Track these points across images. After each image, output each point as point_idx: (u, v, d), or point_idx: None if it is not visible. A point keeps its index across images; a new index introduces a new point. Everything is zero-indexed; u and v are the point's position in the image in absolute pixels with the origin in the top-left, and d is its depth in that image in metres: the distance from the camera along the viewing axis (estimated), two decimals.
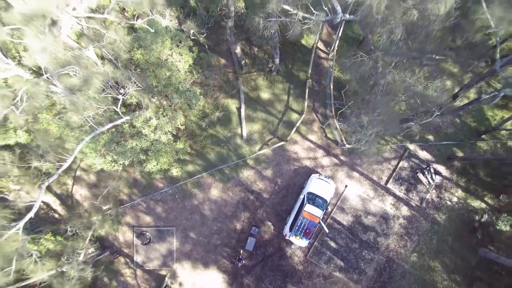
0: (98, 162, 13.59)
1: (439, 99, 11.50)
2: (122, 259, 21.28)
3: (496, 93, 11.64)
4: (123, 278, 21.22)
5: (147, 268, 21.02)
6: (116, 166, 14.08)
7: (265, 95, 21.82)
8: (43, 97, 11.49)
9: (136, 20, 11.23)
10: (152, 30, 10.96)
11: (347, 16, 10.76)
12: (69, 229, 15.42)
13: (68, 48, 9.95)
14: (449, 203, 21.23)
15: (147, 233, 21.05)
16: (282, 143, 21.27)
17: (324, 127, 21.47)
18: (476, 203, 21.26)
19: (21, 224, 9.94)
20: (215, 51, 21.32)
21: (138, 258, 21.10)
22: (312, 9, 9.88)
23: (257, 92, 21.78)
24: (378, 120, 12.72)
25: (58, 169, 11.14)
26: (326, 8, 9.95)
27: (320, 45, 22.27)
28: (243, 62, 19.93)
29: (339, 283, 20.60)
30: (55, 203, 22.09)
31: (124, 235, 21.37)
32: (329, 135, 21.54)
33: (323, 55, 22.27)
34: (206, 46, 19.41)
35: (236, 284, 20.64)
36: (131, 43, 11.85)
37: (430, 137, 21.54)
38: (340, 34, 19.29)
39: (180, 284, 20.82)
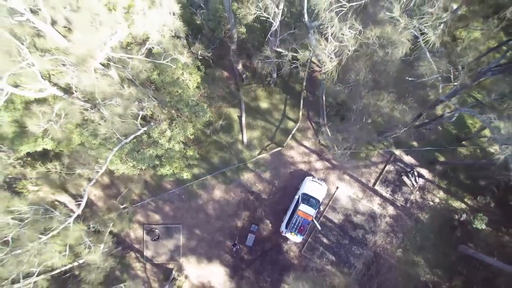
0: (122, 168, 16.22)
1: (403, 119, 14.13)
2: (133, 254, 23.83)
3: (453, 112, 14.21)
4: (134, 271, 23.75)
5: (156, 262, 23.52)
6: (135, 171, 16.71)
7: (264, 104, 24.50)
8: (79, 114, 14.06)
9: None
10: (174, 66, 13.60)
11: None
12: (91, 225, 18.03)
13: (113, 84, 12.53)
14: (431, 203, 23.79)
15: (156, 230, 23.60)
16: (279, 148, 23.92)
17: (317, 135, 24.11)
18: (456, 204, 23.82)
19: (72, 219, 12.52)
20: (218, 65, 23.97)
21: (148, 253, 23.63)
22: (299, 51, 12.49)
23: (257, 102, 24.46)
24: (353, 136, 15.40)
25: (96, 173, 13.71)
26: (311, 49, 12.54)
27: (314, 59, 24.92)
28: (244, 75, 22.62)
29: (331, 275, 23.14)
30: (71, 203, 24.69)
31: (135, 232, 23.95)
32: (322, 141, 24.18)
33: (316, 68, 24.91)
34: (211, 61, 22.05)
35: (237, 277, 23.16)
36: (150, 67, 14.45)
37: (414, 143, 24.15)
38: None
39: (186, 277, 23.32)
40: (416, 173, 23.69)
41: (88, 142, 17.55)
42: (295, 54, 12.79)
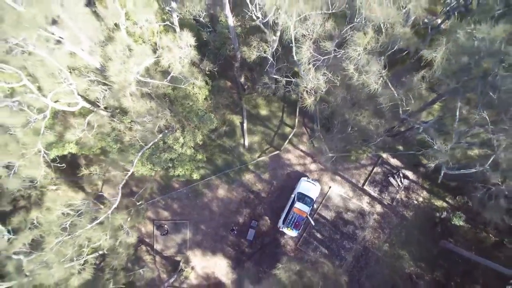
0: (142, 169, 19.42)
1: (376, 131, 17.33)
2: (144, 247, 26.96)
3: (420, 126, 17.47)
4: (145, 263, 26.78)
5: (165, 255, 26.57)
6: (152, 172, 19.91)
7: (263, 112, 27.73)
8: (108, 124, 17.20)
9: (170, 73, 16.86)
10: (192, 90, 16.80)
11: None
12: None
13: (146, 104, 15.69)
14: (415, 202, 26.90)
15: (165, 226, 26.73)
16: (277, 152, 27.11)
17: (312, 140, 27.34)
18: (438, 203, 26.92)
19: (109, 211, 15.67)
20: (222, 76, 27.12)
21: (158, 246, 26.72)
22: (291, 77, 15.72)
23: (257, 109, 27.70)
24: (336, 145, 18.77)
25: (126, 175, 16.86)
26: (301, 75, 15.81)
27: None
28: (246, 86, 25.87)
29: (324, 267, 26.23)
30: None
31: (146, 227, 27.10)
32: (316, 145, 27.37)
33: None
34: (216, 73, 25.24)
35: (239, 268, 26.23)
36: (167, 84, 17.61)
37: (400, 147, 27.33)
38: None
39: (192, 268, 26.35)
40: (401, 175, 26.82)
41: (110, 147, 20.76)
42: (288, 79, 16.00)
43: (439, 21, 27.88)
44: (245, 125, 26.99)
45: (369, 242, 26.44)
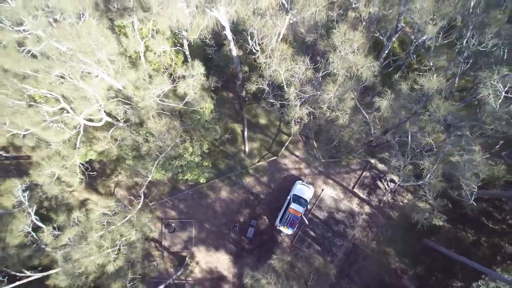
0: (156, 175, 23.07)
1: (357, 144, 21.07)
2: (152, 244, 30.68)
3: (392, 139, 21.20)
4: (153, 258, 30.53)
5: (172, 251, 30.10)
6: (164, 177, 23.59)
7: (262, 121, 31.33)
8: (130, 139, 20.80)
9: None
10: (201, 110, 20.46)
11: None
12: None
13: (166, 124, 19.27)
14: (401, 203, 30.49)
15: (173, 224, 30.32)
16: (275, 157, 30.75)
17: (306, 147, 30.98)
18: (422, 204, 30.52)
19: (135, 210, 19.35)
20: (225, 88, 30.62)
21: (165, 243, 30.30)
22: (284, 101, 19.51)
23: (257, 118, 31.30)
24: (326, 155, 22.56)
25: (146, 180, 20.49)
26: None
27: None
28: (246, 98, 29.51)
29: (316, 262, 29.88)
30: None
31: (155, 225, 30.77)
32: (310, 152, 31.02)
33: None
34: (219, 86, 28.85)
35: (240, 263, 29.94)
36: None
37: (387, 154, 30.90)
38: None
39: (197, 263, 29.88)
40: (388, 179, 30.44)
41: (126, 155, 24.41)
42: (282, 102, 19.74)
43: (423, 37, 31.36)
44: (245, 133, 30.58)
45: (358, 240, 30.00)
